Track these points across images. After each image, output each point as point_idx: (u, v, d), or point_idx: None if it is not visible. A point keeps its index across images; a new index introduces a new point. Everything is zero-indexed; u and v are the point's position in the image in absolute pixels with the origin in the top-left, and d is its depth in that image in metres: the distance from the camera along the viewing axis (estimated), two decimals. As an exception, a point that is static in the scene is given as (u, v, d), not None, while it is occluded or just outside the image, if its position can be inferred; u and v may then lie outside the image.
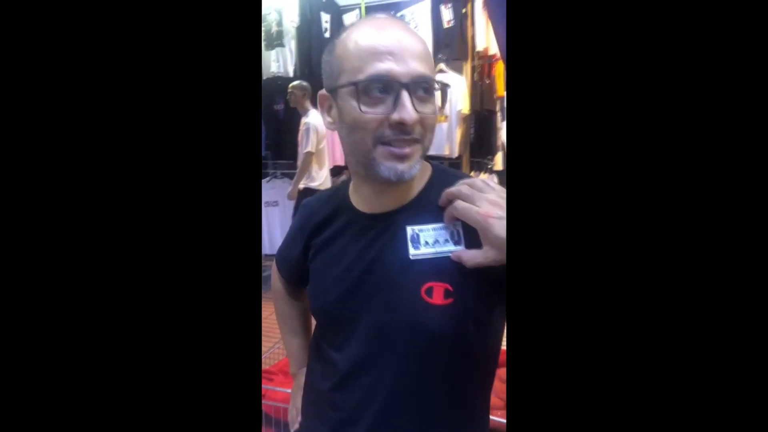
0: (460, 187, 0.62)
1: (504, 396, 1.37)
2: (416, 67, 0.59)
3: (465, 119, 3.65)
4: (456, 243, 0.64)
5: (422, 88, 0.60)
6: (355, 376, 0.67)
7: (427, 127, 0.62)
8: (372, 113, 0.60)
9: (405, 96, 0.58)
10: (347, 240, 0.70)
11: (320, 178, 3.34)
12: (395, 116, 0.59)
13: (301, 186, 3.30)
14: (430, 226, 0.65)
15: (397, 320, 0.64)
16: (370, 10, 3.86)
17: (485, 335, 0.67)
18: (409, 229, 0.65)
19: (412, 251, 0.64)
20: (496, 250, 0.57)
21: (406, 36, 0.60)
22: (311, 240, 0.75)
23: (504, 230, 0.56)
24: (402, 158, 0.61)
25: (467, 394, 0.69)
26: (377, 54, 0.59)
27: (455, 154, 3.60)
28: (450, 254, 0.63)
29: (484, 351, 0.69)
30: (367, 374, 0.66)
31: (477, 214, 0.58)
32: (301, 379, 0.84)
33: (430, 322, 0.63)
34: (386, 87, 0.59)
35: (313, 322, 0.80)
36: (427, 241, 0.65)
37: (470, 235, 0.63)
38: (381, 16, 0.64)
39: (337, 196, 0.75)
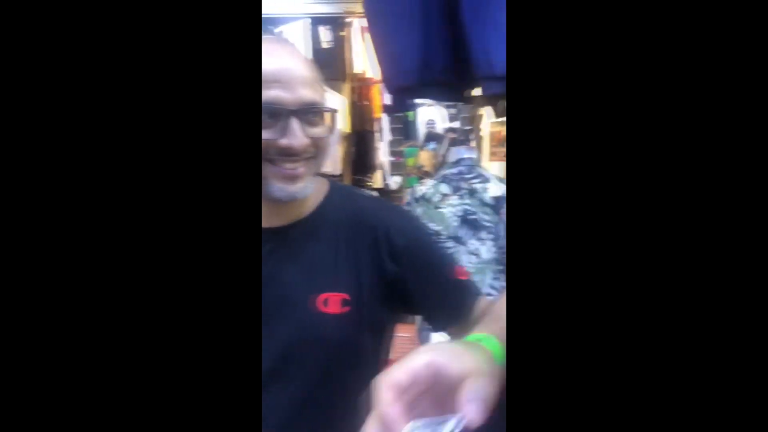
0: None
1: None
2: (304, 94, 0.60)
3: (346, 138, 3.72)
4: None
5: (311, 113, 0.62)
6: None
7: (319, 147, 0.63)
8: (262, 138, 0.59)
9: (293, 123, 0.59)
10: None
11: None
12: (284, 142, 0.59)
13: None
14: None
15: (294, 332, 0.63)
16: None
17: (380, 343, 0.69)
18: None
19: None
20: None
21: (293, 61, 0.61)
22: None
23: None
24: (293, 179, 0.61)
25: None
26: (264, 81, 0.58)
27: (338, 172, 3.64)
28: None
29: (381, 358, 0.70)
30: (268, 389, 0.64)
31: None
32: None
33: (327, 331, 0.63)
34: (273, 114, 0.59)
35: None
36: None
37: None
38: (268, 37, 0.63)
39: None
